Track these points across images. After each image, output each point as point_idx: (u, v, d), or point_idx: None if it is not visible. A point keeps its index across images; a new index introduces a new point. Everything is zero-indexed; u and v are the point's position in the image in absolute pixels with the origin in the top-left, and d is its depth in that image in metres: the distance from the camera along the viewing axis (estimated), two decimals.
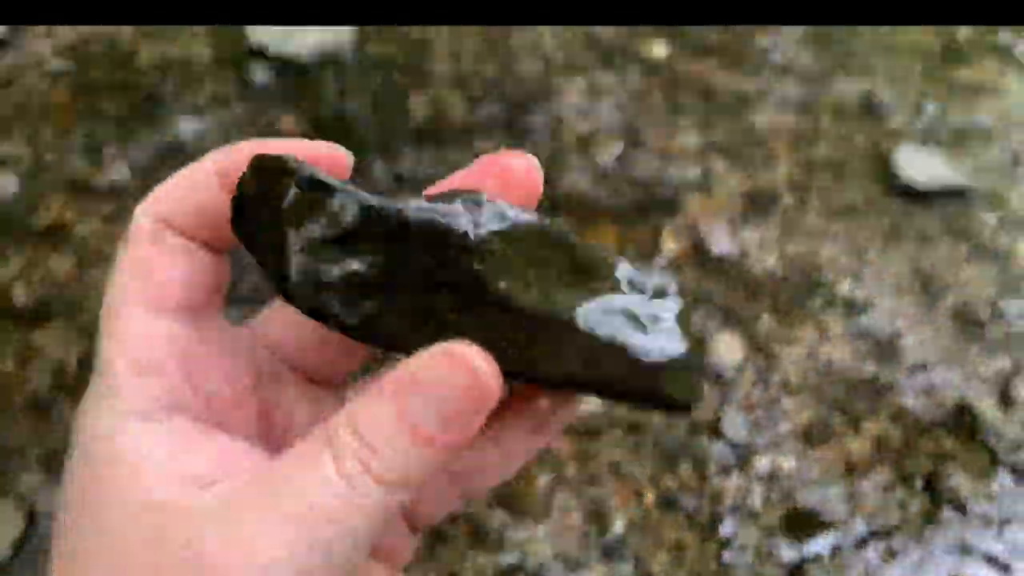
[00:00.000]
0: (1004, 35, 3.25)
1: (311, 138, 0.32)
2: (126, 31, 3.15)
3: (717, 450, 1.95)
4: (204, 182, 0.31)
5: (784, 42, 3.21)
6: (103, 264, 2.21)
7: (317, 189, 0.27)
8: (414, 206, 0.27)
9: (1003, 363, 2.04)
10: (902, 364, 2.05)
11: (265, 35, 3.01)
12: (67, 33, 3.13)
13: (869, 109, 2.84)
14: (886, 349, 2.08)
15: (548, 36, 3.16)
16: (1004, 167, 2.62)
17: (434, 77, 2.99)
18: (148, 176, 2.48)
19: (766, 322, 2.13)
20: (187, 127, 2.66)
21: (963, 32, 3.29)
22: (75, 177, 2.48)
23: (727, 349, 2.05)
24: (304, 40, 2.99)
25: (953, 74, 3.04)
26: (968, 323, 2.14)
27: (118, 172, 2.50)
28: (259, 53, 2.99)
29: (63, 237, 2.28)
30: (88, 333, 2.03)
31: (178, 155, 2.56)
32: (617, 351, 0.27)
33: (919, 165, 2.53)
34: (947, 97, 2.92)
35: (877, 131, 2.74)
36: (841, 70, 3.03)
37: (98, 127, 2.67)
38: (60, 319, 2.05)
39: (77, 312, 2.07)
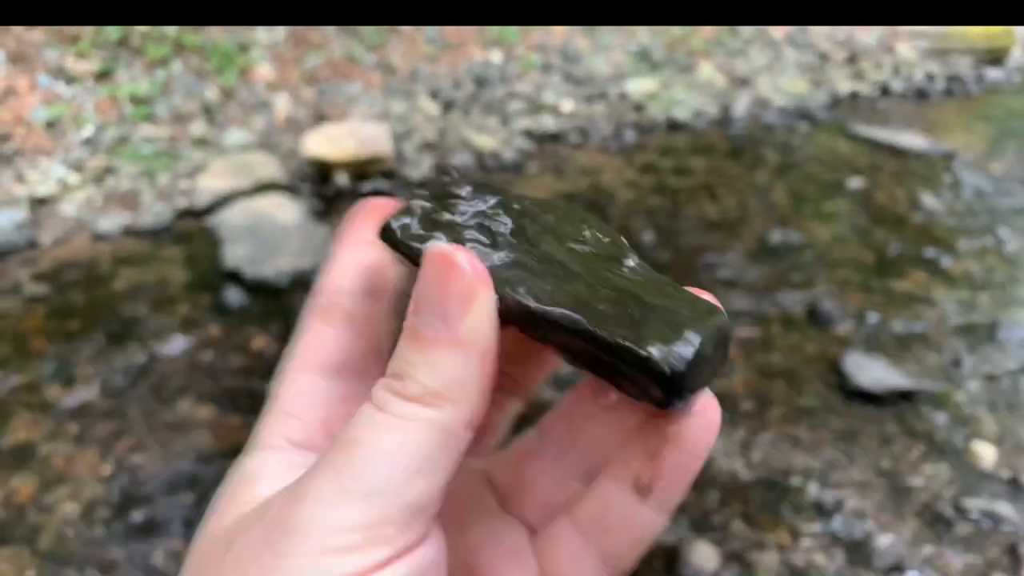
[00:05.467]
0: (929, 251, 3.54)
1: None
2: (104, 258, 3.28)
3: None
4: (366, 259, 0.33)
5: (730, 259, 3.45)
6: (66, 485, 2.16)
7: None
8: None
9: (974, 560, 2.04)
10: (877, 567, 2.03)
11: (240, 259, 3.16)
12: (46, 259, 3.26)
13: (815, 319, 3.01)
14: (860, 551, 2.07)
15: None
16: (946, 370, 2.75)
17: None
18: (119, 396, 2.49)
19: (738, 528, 2.12)
20: (161, 348, 2.72)
21: (892, 247, 3.58)
22: (44, 398, 2.48)
23: (702, 557, 2.02)
24: (276, 263, 3.15)
25: (888, 285, 3.28)
26: (935, 522, 2.16)
27: (88, 393, 2.51)
28: (234, 276, 3.12)
29: (27, 457, 2.24)
30: (48, 559, 1.95)
31: (150, 376, 2.59)
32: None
33: (867, 370, 2.66)
34: (885, 306, 3.12)
35: (824, 339, 2.90)
36: (785, 284, 3.25)
37: (71, 349, 2.71)
38: (17, 544, 1.97)
39: (36, 536, 1.99)
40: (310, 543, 0.24)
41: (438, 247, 0.27)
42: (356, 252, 0.33)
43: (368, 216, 0.32)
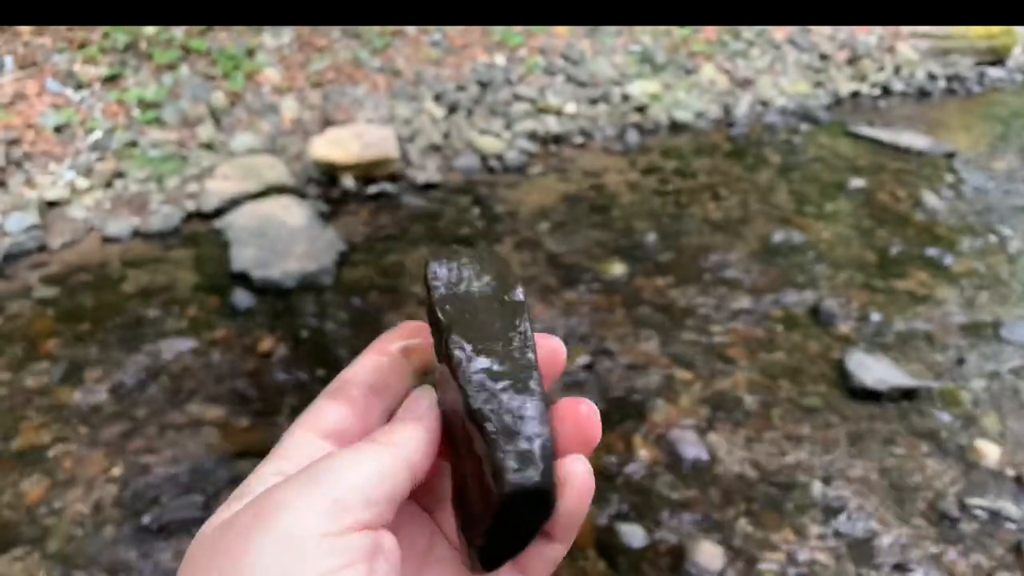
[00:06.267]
0: (932, 250, 3.56)
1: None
2: (114, 261, 3.31)
3: None
4: (385, 362, 0.42)
5: (733, 259, 3.47)
6: (76, 487, 2.19)
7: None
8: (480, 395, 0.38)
9: (979, 559, 2.05)
10: (882, 565, 2.05)
11: (247, 261, 3.18)
12: (56, 262, 3.28)
13: (818, 318, 3.03)
14: (864, 550, 2.09)
15: (514, 257, 3.39)
16: (950, 368, 2.77)
17: (409, 297, 3.16)
18: (129, 398, 2.51)
19: (743, 527, 2.14)
20: (170, 350, 2.74)
21: (894, 246, 3.60)
22: (54, 400, 2.51)
23: (707, 556, 2.04)
24: (284, 265, 3.17)
25: (891, 284, 3.29)
26: (940, 521, 2.17)
27: (98, 395, 2.53)
28: (241, 278, 3.14)
29: (36, 459, 2.27)
30: (58, 560, 1.97)
31: (159, 377, 2.62)
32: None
33: (871, 369, 2.67)
34: (888, 305, 3.13)
35: (827, 338, 2.91)
36: (788, 283, 3.27)
37: (80, 352, 2.74)
38: (27, 546, 2.00)
39: (46, 538, 2.01)
40: (294, 513, 0.32)
41: (425, 389, 0.41)
42: (377, 357, 0.42)
43: (400, 335, 0.44)
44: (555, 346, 0.41)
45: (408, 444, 0.37)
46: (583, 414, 0.38)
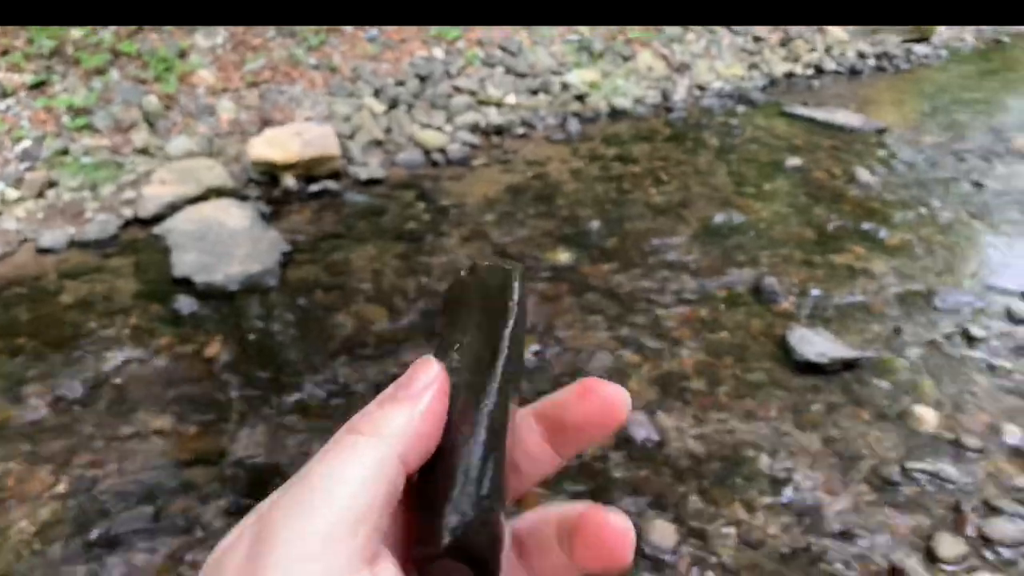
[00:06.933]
0: (867, 224, 3.66)
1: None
2: (50, 272, 3.22)
3: None
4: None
5: (676, 241, 3.53)
6: (20, 506, 2.13)
7: None
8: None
9: (921, 520, 2.13)
10: (829, 532, 2.11)
11: (189, 266, 3.13)
12: None
13: (760, 296, 3.09)
14: (812, 519, 2.15)
15: (461, 251, 3.40)
16: (887, 338, 2.86)
17: (357, 294, 3.14)
18: (72, 412, 2.45)
19: (695, 503, 2.18)
20: (112, 360, 2.68)
21: (831, 222, 3.69)
22: None
23: (660, 535, 2.08)
24: (226, 268, 3.12)
25: (829, 259, 3.38)
26: (883, 486, 2.25)
27: (38, 410, 2.46)
28: (184, 283, 3.09)
29: None
30: None
31: (103, 389, 2.56)
32: None
33: (812, 343, 2.75)
34: (827, 280, 3.22)
35: (770, 315, 2.98)
36: (730, 263, 3.34)
37: (18, 367, 2.66)
38: None
39: None
40: (282, 556, 0.29)
41: (427, 357, 0.37)
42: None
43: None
44: (613, 399, 0.36)
45: (396, 434, 0.33)
46: (612, 536, 0.33)
